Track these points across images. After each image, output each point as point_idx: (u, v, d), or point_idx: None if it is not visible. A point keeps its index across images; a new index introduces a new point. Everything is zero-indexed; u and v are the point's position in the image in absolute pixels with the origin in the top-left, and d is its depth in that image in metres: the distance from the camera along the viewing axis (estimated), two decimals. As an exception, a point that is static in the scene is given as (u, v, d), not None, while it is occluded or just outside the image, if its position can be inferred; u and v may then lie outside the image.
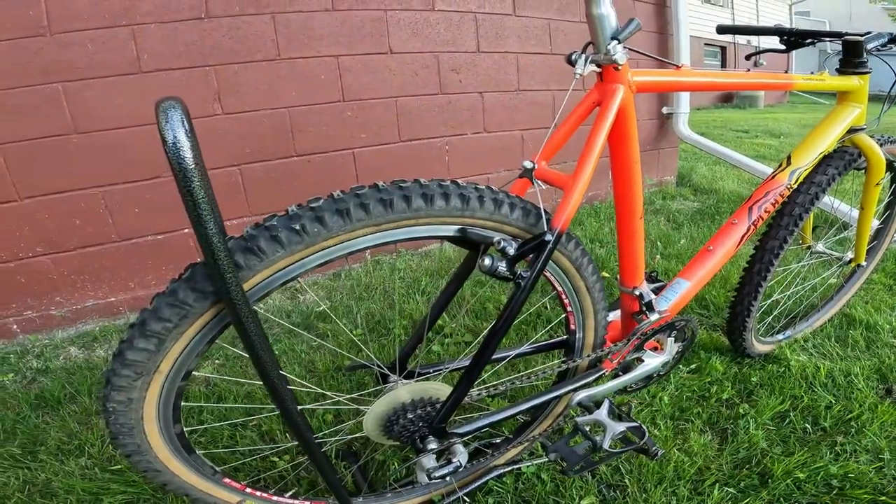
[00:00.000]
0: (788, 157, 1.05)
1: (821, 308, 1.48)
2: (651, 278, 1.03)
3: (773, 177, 1.04)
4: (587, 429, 0.80)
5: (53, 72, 1.50)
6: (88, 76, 1.55)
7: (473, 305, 1.64)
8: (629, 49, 0.76)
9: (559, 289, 0.78)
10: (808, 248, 1.34)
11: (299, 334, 1.50)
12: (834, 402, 1.14)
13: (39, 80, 1.49)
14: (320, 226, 0.54)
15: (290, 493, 0.82)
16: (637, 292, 0.87)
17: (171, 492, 0.70)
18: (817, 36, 1.10)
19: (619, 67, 0.73)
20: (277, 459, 1.01)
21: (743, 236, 1.00)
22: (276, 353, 1.47)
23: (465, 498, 0.91)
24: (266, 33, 1.74)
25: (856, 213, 1.78)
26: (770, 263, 1.11)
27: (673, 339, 0.94)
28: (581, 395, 0.83)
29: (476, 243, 0.66)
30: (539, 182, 0.74)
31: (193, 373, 0.63)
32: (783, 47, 1.15)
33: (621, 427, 0.77)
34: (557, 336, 0.95)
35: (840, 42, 1.08)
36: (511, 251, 0.63)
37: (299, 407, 0.64)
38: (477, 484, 0.92)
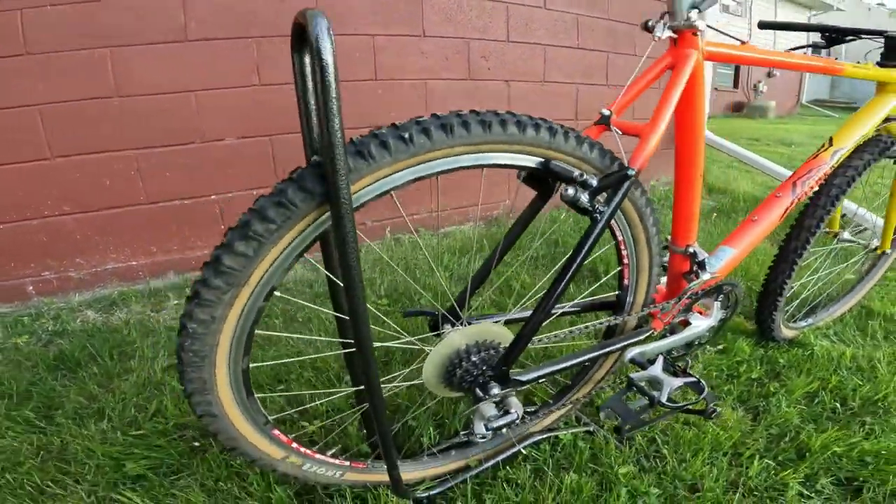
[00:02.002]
0: (830, 140, 1.09)
1: (841, 297, 1.52)
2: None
3: (816, 156, 1.08)
4: (643, 384, 0.81)
5: (102, 36, 1.53)
6: (135, 42, 1.57)
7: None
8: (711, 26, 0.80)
9: (620, 237, 0.80)
10: (836, 235, 1.38)
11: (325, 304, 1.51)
12: (861, 383, 1.17)
13: (88, 45, 1.52)
14: (426, 138, 0.56)
15: (331, 451, 0.83)
16: (691, 250, 0.90)
17: (219, 442, 0.69)
18: (858, 33, 1.15)
19: (698, 33, 0.77)
20: (312, 425, 1.01)
21: (787, 209, 1.03)
22: (303, 320, 1.48)
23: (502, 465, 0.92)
24: (307, 5, 1.76)
25: (870, 215, 1.85)
26: (807, 241, 1.15)
27: (719, 303, 0.96)
28: (634, 352, 0.85)
29: (555, 177, 0.68)
30: (615, 129, 0.77)
31: (275, 292, 0.64)
32: (823, 43, 1.20)
33: (679, 382, 0.79)
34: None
35: (882, 38, 1.14)
36: (594, 183, 0.66)
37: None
38: (513, 451, 0.93)
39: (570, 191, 0.65)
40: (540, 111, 0.74)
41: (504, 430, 0.77)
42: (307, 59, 0.59)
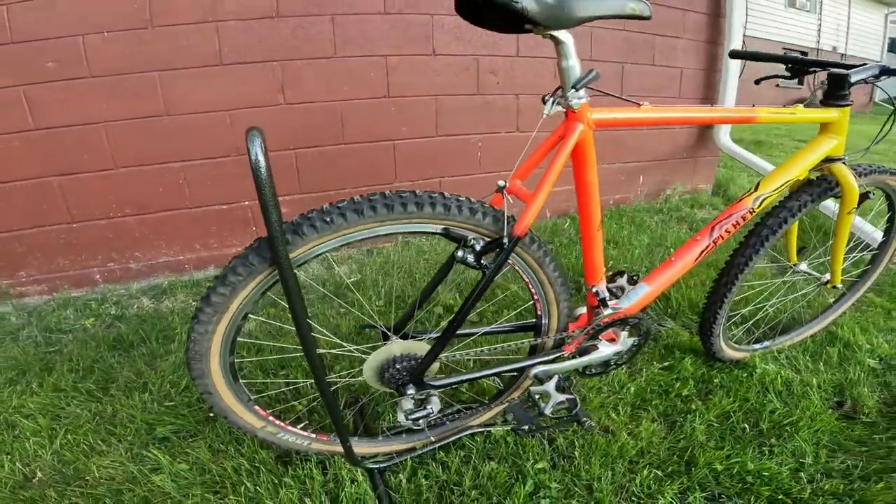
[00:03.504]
0: (758, 184, 1.23)
1: (805, 324, 1.64)
2: (632, 280, 1.25)
3: (740, 200, 1.22)
4: (536, 397, 1.05)
5: (152, 60, 1.86)
6: (180, 66, 1.90)
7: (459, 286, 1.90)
8: (594, 90, 0.95)
9: (526, 279, 1.03)
10: (792, 266, 1.50)
11: (330, 300, 1.82)
12: (779, 407, 1.33)
13: (141, 68, 1.85)
14: (343, 220, 0.82)
15: (301, 425, 1.13)
16: (594, 290, 1.10)
17: (215, 412, 0.99)
18: (822, 66, 1.23)
19: (576, 111, 0.94)
20: (296, 403, 1.32)
21: (702, 252, 1.19)
22: (310, 314, 1.80)
23: (440, 449, 1.18)
24: (325, 33, 2.03)
25: (878, 234, 1.91)
26: (735, 278, 1.30)
27: (627, 333, 1.17)
28: (538, 369, 1.09)
29: (455, 240, 0.93)
30: (508, 197, 0.98)
31: (249, 315, 0.93)
32: (788, 74, 1.29)
33: (561, 398, 1.02)
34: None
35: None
36: (477, 248, 0.89)
37: (318, 350, 0.93)
38: (453, 438, 1.19)
39: (461, 253, 0.89)
40: (548, 122, 0.94)
41: (422, 420, 1.03)
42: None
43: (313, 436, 1.13)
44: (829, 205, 1.93)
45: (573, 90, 0.91)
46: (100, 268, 2.05)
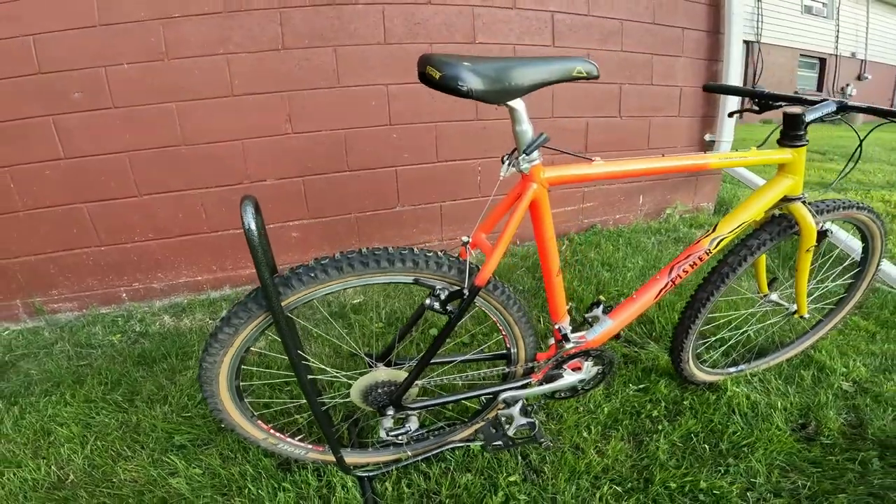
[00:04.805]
0: (715, 226, 1.36)
1: (782, 348, 1.76)
2: (606, 309, 1.39)
3: (697, 242, 1.36)
4: (503, 419, 1.22)
5: (169, 91, 2.06)
6: (194, 97, 2.10)
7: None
8: (548, 148, 1.06)
9: (494, 318, 1.20)
10: (763, 297, 1.63)
11: (331, 323, 2.02)
12: (741, 428, 1.46)
13: (159, 100, 2.06)
14: (325, 275, 1.01)
15: (300, 437, 1.32)
16: (557, 326, 1.26)
17: (224, 426, 1.20)
18: (788, 100, 1.31)
19: (527, 173, 1.07)
20: (298, 417, 1.52)
21: (661, 290, 1.33)
22: (315, 334, 2.00)
23: (422, 462, 1.36)
24: (329, 64, 2.22)
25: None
26: (698, 312, 1.44)
27: (591, 362, 1.32)
28: (506, 395, 1.25)
29: (425, 288, 1.10)
30: (472, 251, 1.14)
31: (251, 348, 1.12)
32: (756, 109, 1.39)
33: (522, 421, 1.19)
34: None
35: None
36: (442, 297, 1.06)
37: (309, 376, 1.12)
38: (435, 451, 1.36)
39: (428, 301, 1.06)
40: (550, 145, 1.06)
41: (401, 437, 1.21)
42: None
43: (310, 446, 1.32)
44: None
45: (524, 154, 1.04)
46: (126, 287, 2.29)
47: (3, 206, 2.04)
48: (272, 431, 1.27)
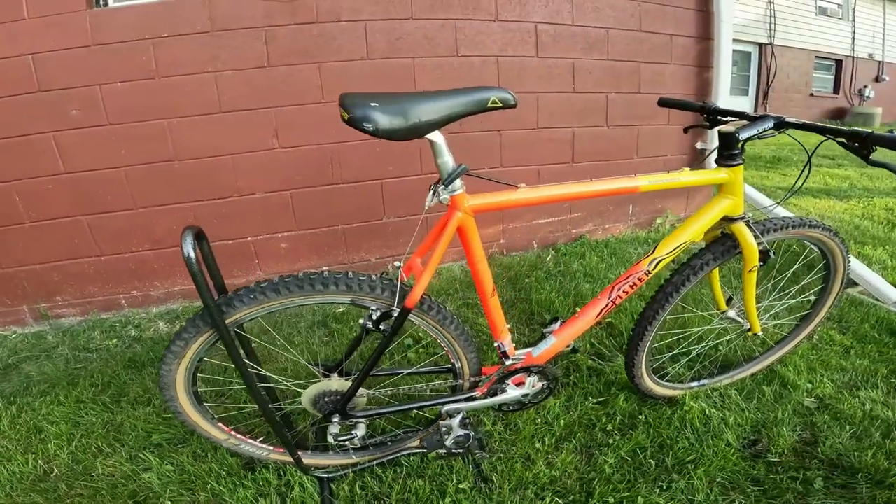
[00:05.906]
0: (655, 247, 1.42)
1: (745, 364, 1.80)
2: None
3: (637, 263, 1.42)
4: (444, 429, 1.31)
5: (161, 108, 2.21)
6: (184, 114, 2.25)
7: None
8: (474, 174, 1.14)
9: (433, 335, 1.29)
10: (721, 314, 1.67)
11: (300, 335, 2.14)
12: (690, 444, 1.52)
13: (151, 116, 2.21)
14: (265, 297, 1.12)
15: (261, 438, 1.44)
16: (497, 344, 1.35)
17: (187, 427, 1.32)
18: (732, 115, 1.36)
19: (447, 204, 1.13)
20: (256, 420, 1.64)
21: (602, 311, 1.40)
22: (283, 340, 2.13)
23: (377, 467, 1.46)
24: (313, 80, 2.34)
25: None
26: (645, 329, 1.50)
27: (536, 378, 1.41)
28: (447, 407, 1.34)
29: (365, 307, 1.20)
30: (404, 275, 1.22)
31: (204, 358, 1.25)
32: (707, 124, 1.44)
33: (460, 432, 1.28)
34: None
35: (771, 122, 1.22)
36: (374, 317, 1.16)
37: (262, 385, 1.24)
38: (391, 457, 1.46)
39: (362, 320, 1.16)
40: (533, 156, 1.13)
41: (347, 442, 1.31)
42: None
43: (271, 448, 1.44)
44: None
45: (443, 186, 1.12)
46: (125, 294, 2.46)
47: (10, 218, 2.22)
48: (232, 433, 1.39)
